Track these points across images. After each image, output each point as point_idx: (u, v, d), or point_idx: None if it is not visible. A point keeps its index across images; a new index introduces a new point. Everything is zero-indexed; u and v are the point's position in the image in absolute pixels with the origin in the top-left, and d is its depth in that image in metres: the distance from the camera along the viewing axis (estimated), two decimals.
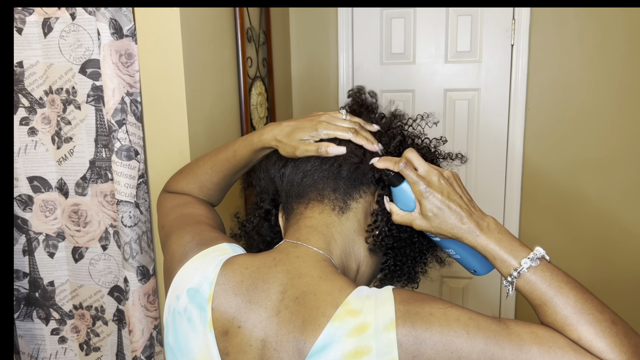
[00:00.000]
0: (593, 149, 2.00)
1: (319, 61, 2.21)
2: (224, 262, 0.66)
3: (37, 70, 1.20)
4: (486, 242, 0.62)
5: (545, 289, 0.57)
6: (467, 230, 0.63)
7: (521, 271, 0.59)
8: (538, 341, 0.53)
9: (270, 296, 0.62)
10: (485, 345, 0.53)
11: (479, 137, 2.11)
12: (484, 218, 0.64)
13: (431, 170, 0.67)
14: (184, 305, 0.65)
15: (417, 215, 0.67)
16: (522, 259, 0.59)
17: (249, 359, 0.60)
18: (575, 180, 2.03)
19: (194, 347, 0.64)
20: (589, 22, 1.92)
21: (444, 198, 0.65)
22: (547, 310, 0.57)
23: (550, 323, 0.56)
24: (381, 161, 0.70)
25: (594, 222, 2.04)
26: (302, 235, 0.69)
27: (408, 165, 0.67)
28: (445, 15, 2.06)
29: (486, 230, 0.63)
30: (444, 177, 0.67)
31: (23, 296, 1.31)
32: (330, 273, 0.63)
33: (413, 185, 0.66)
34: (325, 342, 0.56)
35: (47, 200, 1.26)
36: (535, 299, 0.58)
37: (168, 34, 1.12)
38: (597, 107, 1.97)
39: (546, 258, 0.60)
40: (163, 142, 1.17)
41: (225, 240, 0.72)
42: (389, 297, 0.57)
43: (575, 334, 0.54)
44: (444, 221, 0.64)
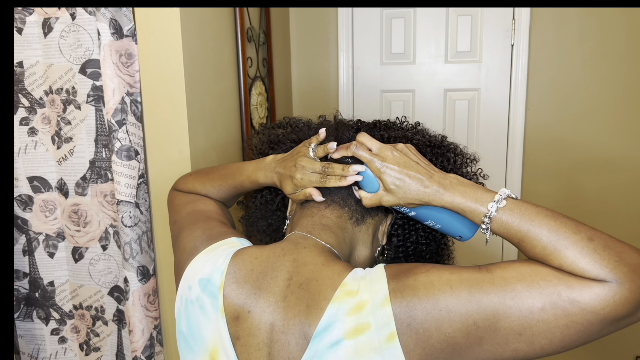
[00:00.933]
0: (593, 149, 2.00)
1: (319, 61, 2.21)
2: (234, 253, 0.69)
3: (37, 70, 1.20)
4: (452, 198, 0.63)
5: (518, 224, 0.58)
6: (432, 192, 0.65)
7: (491, 215, 0.60)
8: (520, 278, 0.54)
9: (278, 283, 0.65)
10: (470, 294, 0.54)
11: (479, 137, 2.11)
12: (446, 177, 0.66)
13: (384, 146, 0.69)
14: (196, 295, 0.68)
15: (382, 193, 0.69)
16: (489, 203, 0.60)
17: (258, 342, 0.63)
18: (576, 180, 2.03)
19: (206, 334, 0.66)
20: (589, 22, 1.92)
21: (402, 168, 0.67)
22: (526, 245, 0.58)
23: (532, 256, 0.57)
24: (336, 152, 0.73)
25: (594, 222, 2.04)
26: (314, 230, 0.72)
27: (360, 147, 0.70)
28: (445, 15, 2.06)
29: (449, 187, 0.64)
30: (397, 150, 0.69)
31: (23, 296, 1.31)
32: (332, 260, 0.66)
33: (369, 164, 0.68)
34: (327, 323, 0.59)
35: (47, 200, 1.26)
36: (513, 238, 0.59)
37: (168, 34, 1.12)
38: (597, 107, 1.97)
39: (512, 196, 0.61)
40: (163, 142, 1.17)
41: (234, 234, 0.76)
42: (382, 275, 0.60)
43: (556, 261, 0.54)
44: (408, 189, 0.66)
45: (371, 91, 2.19)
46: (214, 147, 1.30)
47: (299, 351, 0.60)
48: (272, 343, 0.62)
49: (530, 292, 0.53)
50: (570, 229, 0.56)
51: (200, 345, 0.67)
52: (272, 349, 0.62)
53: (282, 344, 0.61)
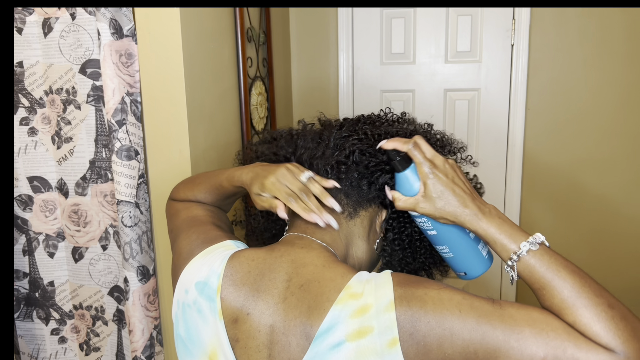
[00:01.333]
0: (593, 149, 1.99)
1: (319, 61, 2.21)
2: (231, 256, 0.69)
3: (37, 70, 1.20)
4: (487, 226, 0.63)
5: (543, 272, 0.58)
6: (470, 213, 0.64)
7: (520, 254, 0.60)
8: (531, 323, 0.54)
9: (276, 284, 0.64)
10: (477, 323, 0.54)
11: (479, 137, 2.11)
12: (486, 204, 0.66)
13: (437, 155, 0.68)
14: (193, 298, 0.68)
15: (420, 198, 0.67)
16: (522, 242, 0.60)
17: (258, 344, 0.63)
18: (576, 180, 2.03)
19: (205, 337, 0.66)
20: (589, 22, 1.92)
21: (449, 180, 0.66)
22: (546, 293, 0.57)
23: (548, 307, 0.57)
24: (390, 142, 0.71)
25: (594, 222, 2.04)
26: (308, 229, 0.72)
27: (416, 147, 0.69)
28: (445, 15, 2.06)
29: (488, 215, 0.64)
30: (449, 163, 0.68)
31: (23, 296, 1.31)
32: (333, 262, 0.66)
33: (419, 166, 0.68)
34: (330, 324, 0.58)
35: (47, 200, 1.26)
36: (534, 283, 0.59)
37: (168, 34, 1.11)
38: (597, 107, 1.97)
39: (546, 244, 0.61)
40: (163, 142, 1.17)
41: (229, 237, 0.75)
42: (388, 280, 0.60)
43: (571, 317, 0.54)
44: (448, 203, 0.65)
45: (371, 91, 2.19)
46: (214, 147, 1.30)
47: (300, 352, 0.60)
48: (272, 345, 0.62)
49: (536, 339, 0.53)
50: (593, 290, 0.56)
51: (199, 349, 0.67)
52: (272, 351, 0.62)
53: (283, 345, 0.61)
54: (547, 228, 2.09)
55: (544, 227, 2.09)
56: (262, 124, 1.68)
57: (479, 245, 0.73)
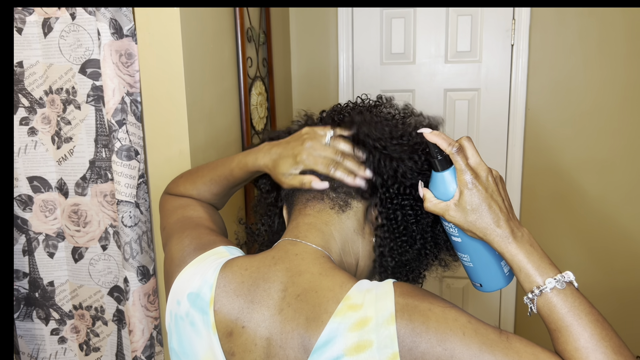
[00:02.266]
0: (593, 149, 1.99)
1: (319, 61, 2.21)
2: (223, 265, 0.66)
3: (37, 70, 1.20)
4: (516, 252, 0.60)
5: (564, 314, 0.55)
6: (501, 234, 0.61)
7: (544, 290, 0.56)
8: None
9: (271, 295, 0.62)
10: (480, 351, 0.52)
11: (479, 137, 2.11)
12: (520, 228, 0.62)
13: (482, 164, 0.64)
14: (185, 310, 0.66)
15: (452, 206, 0.63)
16: (548, 277, 0.57)
17: (255, 357, 0.61)
18: (576, 181, 2.03)
19: (199, 351, 0.64)
20: (589, 22, 1.92)
21: (487, 195, 0.62)
22: (561, 337, 0.55)
23: (560, 351, 0.55)
24: (434, 135, 0.65)
25: (594, 223, 2.04)
26: (300, 233, 0.68)
27: (460, 152, 0.64)
28: (445, 15, 2.06)
29: (519, 239, 0.60)
30: (492, 176, 0.64)
31: (23, 296, 1.31)
32: (330, 269, 0.63)
33: (460, 173, 0.63)
34: (328, 337, 0.56)
35: (47, 200, 1.26)
36: (552, 323, 0.56)
37: (168, 34, 1.11)
38: (597, 107, 1.97)
39: (574, 284, 0.57)
40: (163, 142, 1.17)
41: (222, 243, 0.72)
42: (389, 290, 0.57)
43: None
44: (480, 218, 0.61)
45: (371, 91, 2.18)
46: (214, 147, 1.30)
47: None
48: (269, 358, 0.60)
49: None
50: (612, 346, 0.53)
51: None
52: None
53: (280, 359, 0.59)
54: (546, 228, 2.09)
55: (543, 227, 2.09)
56: (262, 124, 1.68)
57: (502, 262, 0.69)
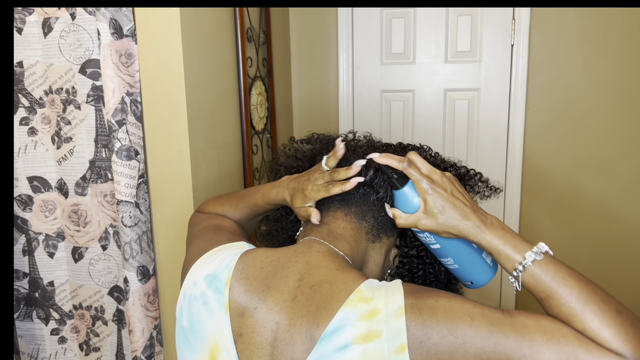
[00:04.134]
0: (593, 149, 1.99)
1: (319, 61, 2.21)
2: (244, 252, 0.69)
3: (37, 70, 1.20)
4: (491, 238, 0.63)
5: (549, 281, 0.58)
6: (472, 225, 0.64)
7: (526, 265, 0.60)
8: (542, 330, 0.54)
9: (288, 282, 0.64)
10: (490, 332, 0.54)
11: (479, 137, 2.11)
12: (487, 216, 0.66)
13: (434, 170, 0.68)
14: (200, 290, 0.68)
15: (421, 215, 0.67)
16: (526, 252, 0.60)
17: (262, 340, 0.62)
18: (576, 180, 2.03)
19: (208, 330, 0.66)
20: (589, 22, 1.92)
21: (448, 195, 0.66)
22: (552, 302, 0.58)
23: (555, 315, 0.57)
24: (383, 157, 0.71)
25: (594, 222, 2.04)
26: (329, 237, 0.72)
27: (411, 165, 0.69)
28: (445, 15, 2.06)
29: (490, 226, 0.64)
30: (446, 177, 0.68)
31: (23, 296, 1.31)
32: (347, 266, 0.66)
33: (417, 183, 0.67)
34: (337, 325, 0.58)
35: (47, 200, 1.26)
36: (540, 292, 0.59)
37: (168, 34, 1.11)
38: (597, 107, 1.97)
39: (550, 253, 0.61)
40: (163, 142, 1.17)
41: (243, 239, 0.76)
42: (399, 288, 0.60)
43: (580, 325, 0.55)
44: (449, 217, 0.65)
45: (371, 91, 2.19)
46: (214, 147, 1.30)
47: (304, 352, 0.59)
48: (275, 342, 0.61)
49: (548, 346, 0.53)
50: (600, 297, 0.56)
51: (200, 342, 0.66)
52: (275, 349, 0.61)
53: (286, 344, 0.60)
54: (546, 228, 2.09)
55: (543, 227, 2.09)
56: (262, 124, 1.68)
57: (482, 254, 0.73)
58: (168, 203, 1.19)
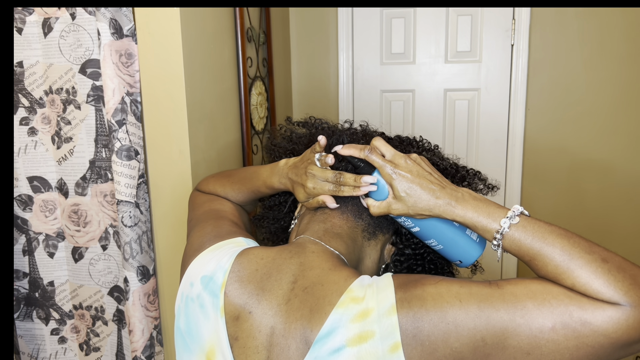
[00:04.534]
0: (593, 149, 2.00)
1: (319, 61, 2.21)
2: (240, 252, 0.68)
3: (37, 70, 1.20)
4: (464, 212, 0.62)
5: (530, 242, 0.57)
6: (443, 204, 0.63)
7: (503, 232, 0.59)
8: (532, 295, 0.53)
9: (282, 285, 0.63)
10: (479, 309, 0.53)
11: (479, 137, 2.11)
12: (458, 190, 0.65)
13: (397, 154, 0.67)
14: (197, 292, 0.67)
15: (391, 200, 0.67)
16: (501, 219, 0.59)
17: (258, 344, 0.62)
18: (576, 180, 2.03)
19: (204, 333, 0.65)
20: (589, 22, 1.92)
21: (414, 176, 0.65)
22: (538, 263, 0.57)
23: (544, 275, 0.56)
24: (345, 148, 0.70)
25: (594, 222, 2.04)
26: (325, 237, 0.71)
27: (373, 152, 0.67)
28: (445, 15, 2.06)
29: (462, 200, 0.63)
30: (411, 159, 0.67)
31: (23, 296, 1.31)
32: (340, 265, 0.65)
33: (381, 169, 0.67)
34: (330, 328, 0.57)
35: (47, 200, 1.26)
36: (524, 255, 0.58)
37: (168, 34, 1.11)
38: (597, 106, 1.97)
39: (525, 213, 0.60)
40: (163, 142, 1.17)
41: (242, 235, 0.75)
42: (389, 284, 0.59)
43: (569, 281, 0.53)
44: (419, 199, 0.64)
45: (371, 91, 2.19)
46: (214, 147, 1.30)
47: (299, 356, 0.59)
48: (271, 347, 0.61)
49: (541, 310, 0.52)
50: (583, 249, 0.55)
51: (197, 345, 0.66)
52: (271, 353, 0.60)
53: (282, 348, 0.60)
54: None
55: None
56: (262, 124, 1.68)
57: (466, 231, 0.71)
58: (168, 203, 1.19)
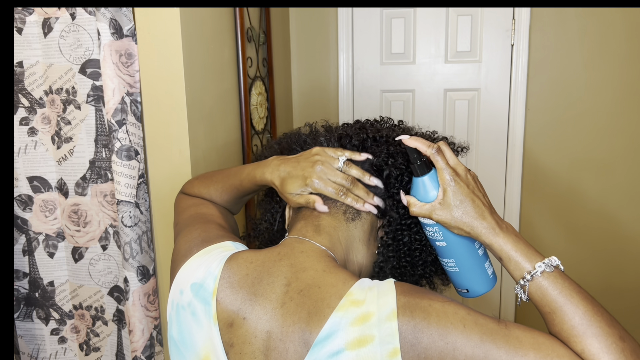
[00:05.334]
0: (593, 149, 1.99)
1: (319, 61, 2.21)
2: (229, 258, 0.67)
3: (37, 70, 1.20)
4: (504, 242, 0.62)
5: (555, 296, 0.57)
6: (487, 226, 0.63)
7: (534, 275, 0.59)
8: (537, 347, 0.52)
9: (275, 289, 0.63)
10: (481, 341, 0.53)
11: (479, 138, 2.11)
12: (503, 221, 0.65)
13: (460, 164, 0.67)
14: (187, 300, 0.66)
15: (437, 205, 0.66)
16: (537, 262, 0.59)
17: (254, 350, 0.61)
18: (576, 181, 2.03)
19: (198, 341, 0.64)
20: (589, 22, 1.92)
21: (469, 191, 0.65)
22: (556, 318, 0.56)
23: (557, 333, 0.56)
24: (413, 139, 0.68)
25: (594, 222, 2.04)
26: (308, 232, 0.70)
27: (440, 153, 0.67)
28: (445, 15, 2.06)
29: (505, 231, 0.63)
30: (471, 174, 0.68)
31: (23, 296, 1.31)
32: (334, 267, 0.64)
33: (441, 172, 0.66)
34: (329, 331, 0.57)
35: (47, 200, 1.26)
36: (545, 306, 0.58)
37: (168, 34, 1.11)
38: (597, 107, 1.97)
39: (560, 267, 0.60)
40: (163, 142, 1.17)
41: (229, 238, 0.73)
42: (391, 289, 0.58)
43: (579, 346, 0.53)
44: (466, 213, 0.64)
45: (371, 91, 2.19)
46: (214, 147, 1.30)
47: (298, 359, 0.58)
48: (268, 351, 0.60)
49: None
50: (605, 320, 0.54)
51: (191, 353, 0.65)
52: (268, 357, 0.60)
53: (280, 352, 0.59)
54: (546, 228, 2.09)
55: (543, 227, 2.09)
56: (262, 124, 1.68)
57: (485, 263, 0.71)
58: (168, 203, 1.19)
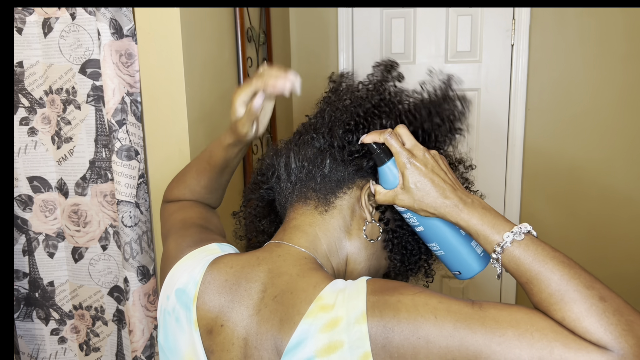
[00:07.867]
0: (593, 149, 1.99)
1: (319, 61, 2.21)
2: (211, 262, 0.66)
3: (37, 70, 1.19)
4: (469, 217, 0.59)
5: (530, 263, 0.54)
6: (450, 204, 0.61)
7: (504, 245, 0.56)
8: (515, 324, 0.50)
9: (252, 295, 0.62)
10: (455, 329, 0.50)
11: (479, 138, 2.11)
12: (468, 195, 0.62)
13: (418, 145, 0.65)
14: (172, 305, 0.66)
15: (399, 190, 0.64)
16: (505, 232, 0.57)
17: (232, 357, 0.61)
18: (576, 180, 2.03)
19: (182, 346, 0.64)
20: (589, 22, 1.92)
21: (428, 171, 0.63)
22: (533, 288, 0.54)
23: (537, 302, 0.54)
24: (368, 135, 0.67)
25: (594, 222, 2.04)
26: (285, 235, 0.69)
27: (393, 136, 0.65)
28: (445, 15, 2.06)
29: (470, 205, 0.60)
30: (430, 153, 0.65)
31: (23, 296, 1.31)
32: (309, 270, 0.62)
33: (396, 156, 0.64)
34: (299, 339, 0.55)
35: (47, 200, 1.26)
36: (521, 277, 0.55)
37: (168, 34, 1.11)
38: (597, 107, 1.97)
39: (532, 233, 0.57)
40: (163, 142, 1.17)
41: (214, 240, 0.72)
42: (362, 289, 0.56)
43: (559, 314, 0.50)
44: (427, 194, 0.62)
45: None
46: None
47: None
48: (245, 358, 0.59)
49: (520, 341, 0.49)
50: (583, 282, 0.51)
51: (177, 358, 0.65)
52: None
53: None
54: (547, 227, 2.09)
55: (544, 227, 2.09)
56: None
57: (472, 242, 0.69)
58: None
